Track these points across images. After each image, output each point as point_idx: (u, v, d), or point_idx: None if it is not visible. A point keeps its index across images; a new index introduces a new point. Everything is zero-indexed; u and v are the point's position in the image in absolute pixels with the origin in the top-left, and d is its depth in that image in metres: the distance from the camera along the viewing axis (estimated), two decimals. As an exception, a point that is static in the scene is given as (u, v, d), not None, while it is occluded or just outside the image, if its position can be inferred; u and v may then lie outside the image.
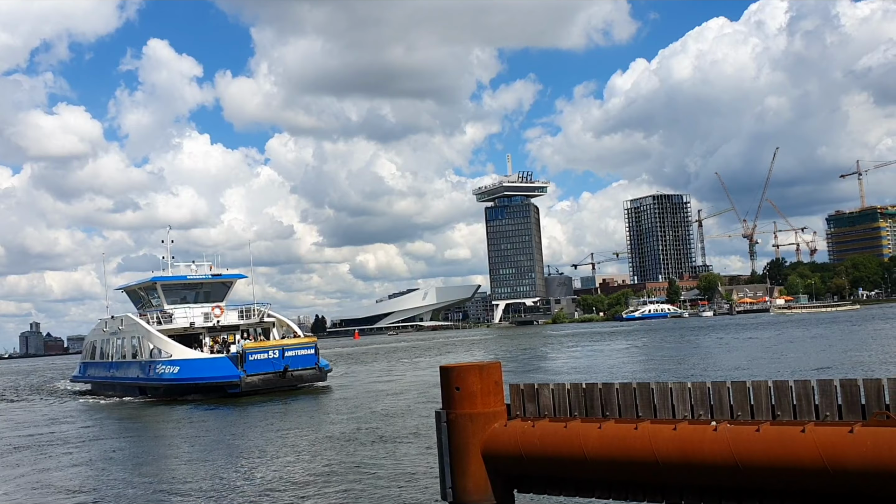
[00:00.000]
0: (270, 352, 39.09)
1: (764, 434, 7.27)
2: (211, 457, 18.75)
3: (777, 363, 38.64)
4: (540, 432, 8.60)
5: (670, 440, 7.72)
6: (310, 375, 39.91)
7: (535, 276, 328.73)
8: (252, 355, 38.59)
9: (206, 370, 39.34)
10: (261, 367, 38.42)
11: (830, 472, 6.85)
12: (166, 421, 31.26)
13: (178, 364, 39.94)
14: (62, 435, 27.07)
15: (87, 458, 19.83)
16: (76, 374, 58.53)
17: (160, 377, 40.71)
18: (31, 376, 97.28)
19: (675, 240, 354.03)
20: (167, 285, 47.12)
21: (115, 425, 30.51)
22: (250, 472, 15.81)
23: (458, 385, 9.03)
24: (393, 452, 17.52)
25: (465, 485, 8.87)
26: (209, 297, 47.38)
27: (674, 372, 37.64)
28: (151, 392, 42.36)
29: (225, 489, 14.71)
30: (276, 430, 23.71)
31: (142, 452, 21.32)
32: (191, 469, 16.96)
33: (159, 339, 41.89)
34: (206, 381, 38.89)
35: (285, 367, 38.56)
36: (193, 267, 48.51)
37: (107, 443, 23.93)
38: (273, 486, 14.61)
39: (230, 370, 38.43)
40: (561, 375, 39.90)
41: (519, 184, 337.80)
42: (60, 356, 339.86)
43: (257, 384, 38.29)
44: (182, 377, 39.66)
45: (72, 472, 17.89)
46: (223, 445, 21.37)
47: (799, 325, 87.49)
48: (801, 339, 58.31)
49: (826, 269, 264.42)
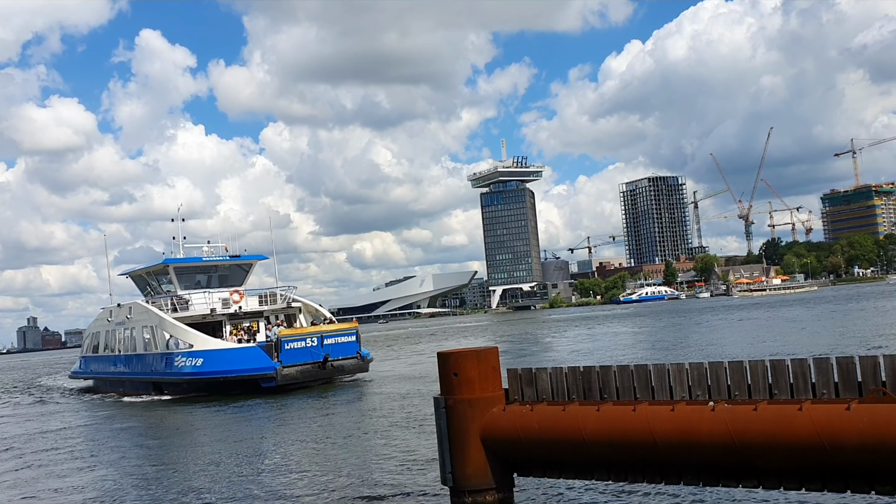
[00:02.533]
0: (308, 339, 34.58)
1: (761, 413, 7.30)
2: (267, 477, 15.27)
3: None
4: (538, 416, 8.63)
5: (668, 421, 7.75)
6: (352, 366, 35.68)
7: (532, 261, 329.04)
8: (288, 344, 34.04)
9: (235, 362, 34.68)
10: (298, 357, 33.96)
11: (828, 449, 6.88)
12: (193, 423, 26.90)
13: (201, 356, 35.35)
14: (66, 443, 23.35)
15: (99, 477, 17.01)
16: (76, 369, 52.87)
17: (180, 371, 36.03)
18: (24, 372, 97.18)
19: (672, 222, 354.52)
20: (181, 268, 41.91)
21: (128, 430, 26.64)
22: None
23: (456, 371, 9.06)
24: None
25: (465, 469, 8.91)
26: (226, 281, 42.58)
27: (669, 353, 37.77)
28: (169, 388, 37.56)
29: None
30: (338, 435, 19.56)
31: (171, 465, 17.84)
32: (239, 490, 14.07)
33: (177, 328, 37.01)
34: (237, 375, 34.26)
35: (325, 357, 34.25)
36: (206, 249, 43.49)
37: (122, 453, 20.58)
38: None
39: (264, 361, 33.90)
40: (558, 360, 40.00)
41: (514, 169, 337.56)
42: (58, 350, 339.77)
43: (295, 376, 33.81)
44: (206, 370, 35.09)
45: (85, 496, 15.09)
46: (274, 456, 17.62)
47: (756, 308, 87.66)
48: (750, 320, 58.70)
49: (822, 249, 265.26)
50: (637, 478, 8.28)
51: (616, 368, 8.49)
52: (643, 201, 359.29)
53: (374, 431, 19.78)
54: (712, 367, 7.90)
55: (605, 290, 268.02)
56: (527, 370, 9.09)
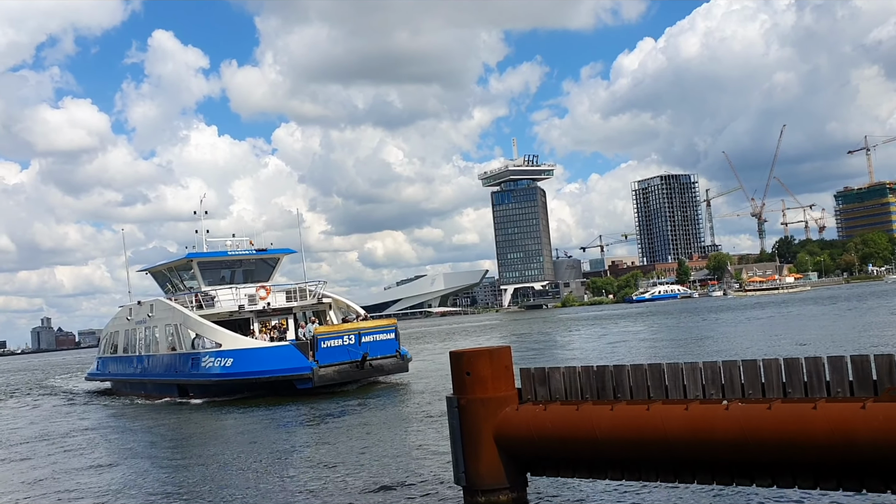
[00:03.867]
0: (346, 337, 32.50)
1: (776, 412, 7.27)
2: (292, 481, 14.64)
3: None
4: (552, 415, 8.63)
5: (682, 420, 7.73)
6: (391, 365, 33.48)
7: (543, 259, 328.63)
8: (325, 342, 31.94)
9: (268, 362, 32.47)
10: (335, 357, 31.90)
11: (843, 448, 6.85)
12: (224, 428, 24.83)
13: (230, 355, 33.13)
14: (84, 449, 22.28)
15: (117, 488, 16.08)
16: (93, 370, 50.17)
17: (207, 372, 33.69)
18: (37, 373, 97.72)
19: (684, 220, 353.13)
20: (205, 262, 39.61)
21: (151, 434, 25.16)
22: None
23: (469, 370, 9.06)
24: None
25: (478, 469, 8.91)
26: (252, 276, 40.32)
27: (683, 352, 37.64)
28: (195, 390, 35.23)
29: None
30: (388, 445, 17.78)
31: (200, 473, 16.76)
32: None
33: (204, 326, 34.74)
34: (270, 376, 32.14)
35: (364, 356, 32.15)
36: (229, 243, 41.08)
37: (145, 460, 19.43)
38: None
39: (300, 361, 31.78)
40: (571, 359, 39.93)
41: (525, 167, 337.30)
42: (72, 351, 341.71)
43: (333, 377, 31.73)
44: (237, 371, 32.82)
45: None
46: (308, 462, 16.41)
47: (747, 308, 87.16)
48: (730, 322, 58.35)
49: (835, 246, 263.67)
50: (651, 477, 8.26)
51: (630, 368, 8.48)
52: (655, 199, 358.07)
53: (410, 431, 19.44)
54: (726, 366, 7.88)
55: (617, 289, 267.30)
56: (540, 370, 9.08)
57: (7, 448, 24.72)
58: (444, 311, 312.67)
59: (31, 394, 52.87)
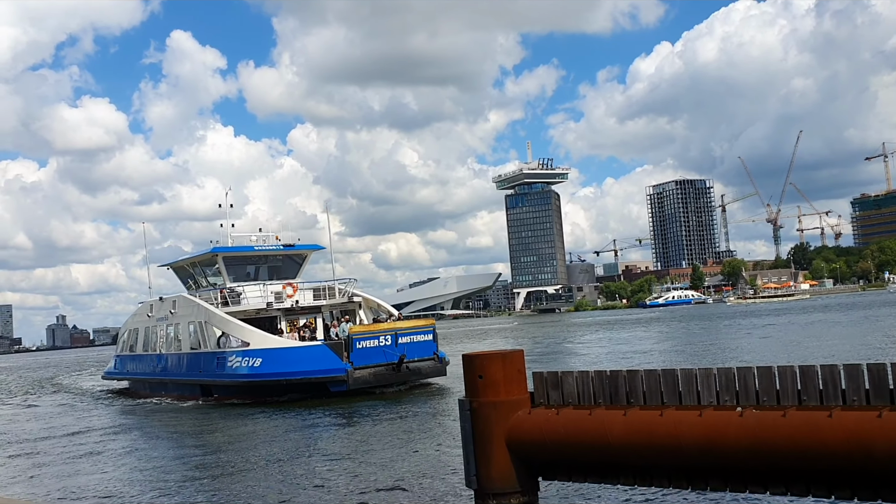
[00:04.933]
0: (381, 337, 30.84)
1: (790, 419, 7.22)
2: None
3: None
4: (564, 420, 8.60)
5: (696, 426, 7.69)
6: (429, 368, 31.85)
7: (557, 263, 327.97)
8: (360, 342, 30.33)
9: (300, 362, 30.71)
10: (371, 358, 30.27)
11: (858, 457, 6.80)
12: (255, 434, 22.88)
13: (259, 355, 31.39)
14: (102, 453, 21.17)
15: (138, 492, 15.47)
16: (110, 368, 48.17)
17: (234, 372, 31.98)
18: (53, 370, 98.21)
19: (699, 225, 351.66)
20: (231, 258, 37.69)
21: (174, 438, 23.92)
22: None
23: (482, 373, 9.05)
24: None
25: (490, 472, 8.89)
26: (278, 273, 38.59)
27: (696, 358, 37.45)
28: (220, 391, 33.59)
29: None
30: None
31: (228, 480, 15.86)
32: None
33: (231, 324, 32.92)
34: (302, 378, 30.40)
35: (401, 358, 30.45)
36: (254, 238, 39.25)
37: (167, 465, 18.45)
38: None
39: (334, 362, 30.11)
40: (584, 363, 39.81)
41: (539, 171, 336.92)
42: (86, 349, 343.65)
43: (368, 380, 30.09)
44: (266, 372, 31.09)
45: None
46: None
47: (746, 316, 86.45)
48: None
49: (851, 254, 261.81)
50: (663, 483, 8.22)
51: (643, 373, 8.44)
52: (670, 204, 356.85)
53: (436, 435, 19.14)
54: (740, 373, 7.83)
55: (631, 294, 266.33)
56: (553, 373, 9.06)
57: (25, 447, 24.85)
58: (457, 313, 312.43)
59: (45, 392, 52.36)
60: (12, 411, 39.00)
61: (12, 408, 41.21)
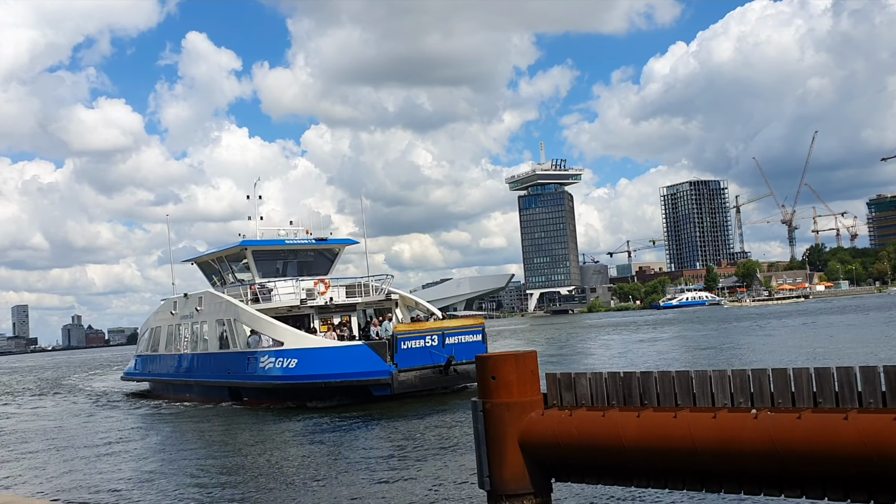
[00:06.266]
0: (428, 337, 28.61)
1: (805, 421, 7.17)
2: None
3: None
4: (577, 421, 8.58)
5: (710, 428, 7.65)
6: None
7: (570, 264, 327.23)
8: (405, 342, 28.14)
9: (340, 364, 28.30)
10: (416, 360, 28.12)
11: (874, 460, 6.74)
12: (292, 442, 21.19)
13: (294, 355, 29.11)
14: (126, 463, 19.84)
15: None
16: (130, 369, 46.02)
17: (266, 374, 29.90)
18: (67, 369, 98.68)
19: (713, 226, 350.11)
20: (260, 252, 35.50)
21: (202, 443, 22.55)
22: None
23: (495, 374, 9.03)
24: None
25: (503, 473, 8.88)
26: (308, 269, 36.34)
27: (710, 360, 37.28)
28: (251, 394, 31.65)
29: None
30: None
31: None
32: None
33: (263, 322, 30.80)
34: (342, 380, 28.12)
35: (449, 360, 28.32)
36: (282, 232, 36.99)
37: (198, 477, 17.17)
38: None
39: (377, 364, 27.81)
40: (598, 365, 39.70)
41: (552, 171, 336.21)
42: (101, 349, 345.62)
43: (414, 383, 28.00)
44: (302, 374, 28.84)
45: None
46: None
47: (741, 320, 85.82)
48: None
49: (867, 255, 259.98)
50: (677, 485, 8.18)
51: (657, 374, 8.40)
52: (684, 205, 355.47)
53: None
54: (755, 374, 7.79)
55: (644, 295, 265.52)
56: (566, 375, 9.04)
57: (37, 449, 24.94)
58: (470, 314, 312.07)
59: (62, 394, 51.47)
60: (27, 413, 38.59)
61: (27, 409, 40.76)
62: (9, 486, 17.49)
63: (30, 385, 65.11)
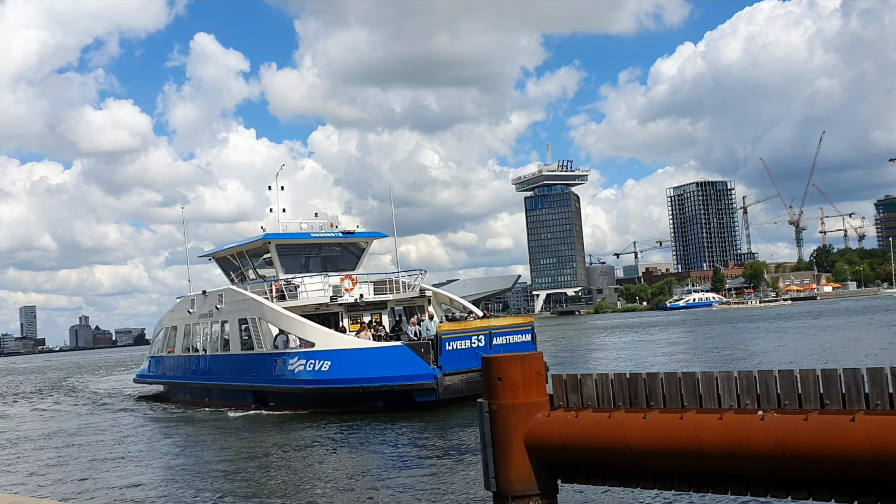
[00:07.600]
0: (474, 338, 26.29)
1: (812, 423, 7.15)
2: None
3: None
4: (583, 422, 8.57)
5: (716, 430, 7.63)
6: None
7: (577, 265, 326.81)
8: (449, 343, 25.81)
9: (378, 367, 26.11)
10: (462, 362, 25.63)
11: (882, 462, 6.72)
12: (328, 455, 19.06)
13: (327, 357, 26.83)
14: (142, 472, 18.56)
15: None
16: (143, 371, 43.46)
17: (296, 377, 27.60)
18: (75, 370, 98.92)
19: (720, 227, 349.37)
20: (284, 246, 33.14)
21: (229, 455, 20.25)
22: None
23: (500, 375, 9.03)
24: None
25: (509, 475, 8.87)
26: (333, 264, 34.07)
27: (717, 361, 37.20)
28: (278, 399, 29.26)
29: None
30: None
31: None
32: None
33: (291, 321, 28.58)
34: (381, 385, 25.85)
35: None
36: (304, 226, 34.49)
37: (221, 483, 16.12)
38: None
39: (420, 366, 25.61)
40: (604, 366, 39.65)
41: (558, 172, 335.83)
42: (108, 349, 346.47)
43: (460, 388, 25.42)
44: (336, 377, 26.57)
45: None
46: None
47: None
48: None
49: (875, 256, 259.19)
50: (683, 487, 8.17)
51: (663, 376, 8.39)
52: (691, 206, 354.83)
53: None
54: (762, 376, 7.77)
55: (651, 296, 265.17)
56: (572, 376, 9.03)
57: (47, 452, 24.99)
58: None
59: (69, 395, 50.80)
60: (32, 415, 38.07)
61: (33, 412, 40.21)
62: (16, 489, 17.55)
63: (40, 385, 65.27)
